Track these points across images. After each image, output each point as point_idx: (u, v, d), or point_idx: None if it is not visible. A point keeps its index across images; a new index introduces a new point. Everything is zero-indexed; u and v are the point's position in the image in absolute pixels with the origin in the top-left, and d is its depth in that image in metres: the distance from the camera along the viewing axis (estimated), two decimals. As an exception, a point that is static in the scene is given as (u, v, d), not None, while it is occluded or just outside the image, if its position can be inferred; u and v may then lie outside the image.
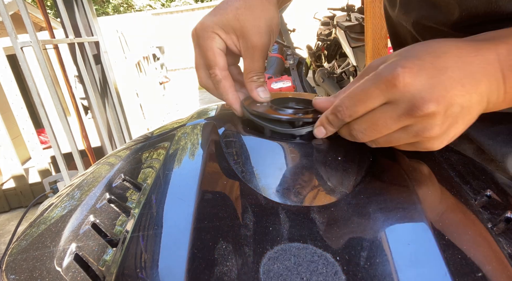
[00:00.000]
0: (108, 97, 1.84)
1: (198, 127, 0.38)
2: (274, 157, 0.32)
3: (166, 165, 0.32)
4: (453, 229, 0.24)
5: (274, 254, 0.22)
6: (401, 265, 0.21)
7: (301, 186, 0.29)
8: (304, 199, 0.27)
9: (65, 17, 1.55)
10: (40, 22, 4.55)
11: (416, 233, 0.23)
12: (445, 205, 0.27)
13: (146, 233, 0.24)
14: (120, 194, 0.31)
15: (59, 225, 0.29)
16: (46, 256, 0.26)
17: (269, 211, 0.26)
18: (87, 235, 0.27)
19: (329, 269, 0.21)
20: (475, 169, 0.33)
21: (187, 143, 0.35)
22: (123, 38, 3.51)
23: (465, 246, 0.23)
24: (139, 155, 0.36)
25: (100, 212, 0.29)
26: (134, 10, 17.82)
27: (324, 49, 4.27)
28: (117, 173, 0.34)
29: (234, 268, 0.21)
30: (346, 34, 3.41)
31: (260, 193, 0.28)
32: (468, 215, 0.26)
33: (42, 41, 1.30)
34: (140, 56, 4.11)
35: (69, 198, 0.34)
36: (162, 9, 11.27)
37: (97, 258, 0.25)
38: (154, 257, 0.22)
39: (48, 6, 12.27)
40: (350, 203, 0.26)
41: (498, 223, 0.26)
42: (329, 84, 3.68)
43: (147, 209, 0.26)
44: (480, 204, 0.28)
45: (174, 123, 0.43)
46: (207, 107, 0.47)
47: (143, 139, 0.41)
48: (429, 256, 0.22)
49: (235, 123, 0.39)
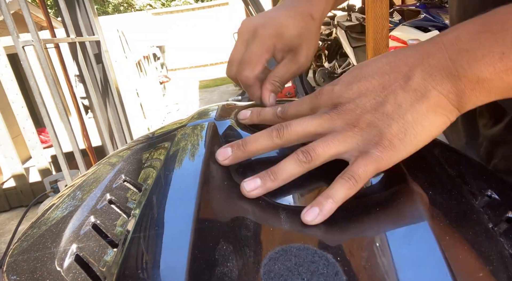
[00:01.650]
0: (109, 96, 1.84)
1: (199, 128, 0.38)
2: (274, 157, 0.32)
3: (167, 165, 0.32)
4: (454, 229, 0.24)
5: (275, 255, 0.22)
6: (401, 266, 0.21)
7: (302, 186, 0.29)
8: (305, 200, 0.27)
9: (66, 16, 1.55)
10: (41, 21, 4.55)
11: (416, 233, 0.23)
12: (446, 205, 0.27)
13: (147, 233, 0.24)
14: (121, 195, 0.31)
15: (60, 225, 0.30)
16: (47, 257, 0.26)
17: (270, 212, 0.26)
18: (88, 236, 0.27)
19: (330, 269, 0.21)
20: (476, 168, 0.33)
21: (188, 143, 0.35)
22: (124, 37, 3.51)
23: (466, 246, 0.23)
24: (140, 156, 0.37)
25: (101, 213, 0.29)
26: (135, 10, 17.82)
27: (325, 49, 4.27)
28: (118, 174, 0.34)
29: (235, 268, 0.21)
30: (346, 34, 3.41)
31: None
32: (469, 215, 0.26)
33: (44, 40, 1.30)
34: (140, 56, 4.11)
35: (70, 199, 0.34)
36: (163, 9, 11.28)
37: (98, 259, 0.25)
38: (155, 258, 0.22)
39: (49, 5, 12.28)
40: (350, 204, 0.26)
41: (499, 223, 0.26)
42: (329, 84, 3.67)
43: (148, 209, 0.27)
44: (481, 204, 0.28)
45: (175, 123, 0.43)
46: (208, 108, 0.47)
47: (144, 140, 0.41)
48: (429, 256, 0.22)
49: (236, 124, 0.39)
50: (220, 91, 6.50)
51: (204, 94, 6.46)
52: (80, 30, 1.67)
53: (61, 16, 1.55)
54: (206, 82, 7.82)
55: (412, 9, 2.93)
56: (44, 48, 1.29)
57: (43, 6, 1.58)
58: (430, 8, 2.72)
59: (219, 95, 6.22)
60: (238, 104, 0.48)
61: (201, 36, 9.94)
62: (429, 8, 2.73)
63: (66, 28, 1.57)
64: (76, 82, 3.46)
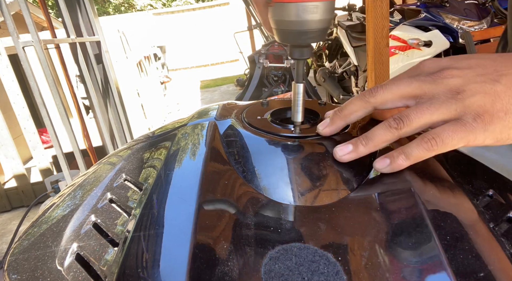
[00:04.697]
0: (110, 97, 1.84)
1: (199, 127, 0.38)
2: (275, 156, 0.32)
3: (167, 164, 0.32)
4: (454, 228, 0.24)
5: (276, 254, 0.22)
6: (402, 265, 0.21)
7: (302, 185, 0.29)
8: (305, 199, 0.27)
9: (66, 16, 1.55)
10: (41, 22, 4.56)
11: (417, 233, 0.23)
12: (446, 204, 0.27)
13: (148, 233, 0.24)
14: (122, 194, 0.31)
15: (60, 224, 0.30)
16: (48, 255, 0.26)
17: (270, 211, 0.26)
18: (89, 235, 0.27)
19: (330, 269, 0.21)
20: (477, 168, 0.33)
21: (188, 142, 0.35)
22: (124, 38, 3.51)
23: (467, 245, 0.23)
24: (140, 155, 0.37)
25: (101, 212, 0.29)
26: (135, 10, 17.83)
27: (325, 49, 4.26)
28: (118, 173, 0.34)
29: (235, 268, 0.21)
30: (347, 33, 3.40)
31: (261, 193, 0.28)
32: (469, 215, 0.26)
33: (44, 41, 1.30)
34: (141, 56, 4.11)
35: (70, 198, 0.34)
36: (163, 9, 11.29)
37: (98, 258, 0.25)
38: (155, 257, 0.22)
39: (50, 6, 12.29)
40: (351, 203, 0.26)
41: (500, 223, 0.26)
42: (330, 84, 3.67)
43: (148, 209, 0.27)
44: (482, 203, 0.28)
45: (175, 123, 0.43)
46: (208, 107, 0.47)
47: (144, 139, 0.41)
48: (430, 255, 0.22)
49: (236, 123, 0.39)
50: (221, 91, 6.50)
51: (205, 94, 6.46)
52: (81, 31, 1.67)
53: (62, 17, 1.55)
54: (207, 82, 7.82)
55: (413, 8, 2.92)
56: (44, 48, 1.29)
57: (43, 7, 1.59)
58: (431, 8, 2.71)
59: (220, 95, 6.23)
60: (238, 103, 0.48)
61: (202, 36, 9.94)
62: (429, 8, 2.72)
63: (66, 29, 1.57)
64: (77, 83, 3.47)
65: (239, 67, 7.51)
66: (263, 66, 2.45)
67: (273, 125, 0.37)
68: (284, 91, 2.35)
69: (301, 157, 0.32)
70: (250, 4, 3.49)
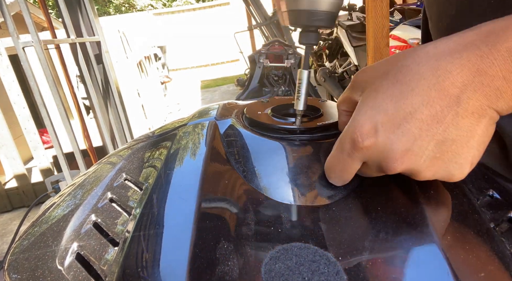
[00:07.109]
0: (110, 97, 1.84)
1: (200, 127, 0.38)
2: (275, 156, 0.32)
3: (168, 164, 0.32)
4: (455, 228, 0.24)
5: (276, 254, 0.22)
6: (402, 265, 0.21)
7: (303, 185, 0.29)
8: (305, 199, 0.27)
9: (66, 17, 1.55)
10: (41, 22, 4.56)
11: (417, 233, 0.23)
12: (447, 204, 0.27)
13: (148, 232, 0.24)
14: (122, 194, 0.31)
15: (61, 224, 0.30)
16: (48, 255, 0.26)
17: (271, 211, 0.26)
18: (89, 235, 0.27)
19: (331, 269, 0.21)
20: (478, 168, 0.33)
21: (189, 142, 0.35)
22: (125, 38, 3.51)
23: (467, 245, 0.23)
24: (141, 155, 0.37)
25: (101, 212, 0.29)
26: (136, 10, 17.83)
27: (326, 49, 4.26)
28: (119, 173, 0.34)
29: (235, 267, 0.21)
30: (347, 33, 3.40)
31: (262, 192, 0.28)
32: (470, 215, 0.26)
33: (44, 41, 1.30)
34: (141, 56, 4.11)
35: (71, 198, 0.34)
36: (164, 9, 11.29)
37: (98, 257, 0.25)
38: (155, 257, 0.22)
39: (50, 6, 12.30)
40: (351, 203, 0.26)
41: (501, 223, 0.26)
42: (330, 84, 3.67)
43: (148, 208, 0.27)
44: (482, 203, 0.28)
45: (176, 122, 0.43)
46: (209, 107, 0.47)
47: (144, 139, 0.41)
48: (430, 256, 0.22)
49: (237, 122, 0.38)
50: (222, 91, 6.50)
51: (206, 94, 6.46)
52: (81, 31, 1.67)
53: (62, 17, 1.55)
54: (208, 82, 7.82)
55: (413, 8, 2.92)
56: (44, 48, 1.29)
57: (43, 7, 1.59)
58: (431, 7, 2.71)
59: (221, 95, 6.22)
60: (239, 103, 0.48)
61: (202, 36, 9.95)
62: (430, 7, 2.72)
63: (67, 29, 1.58)
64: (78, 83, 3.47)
65: (240, 67, 7.51)
66: (263, 66, 2.45)
67: (274, 119, 0.37)
68: (285, 92, 2.35)
69: (301, 157, 0.32)
70: (250, 4, 3.49)
